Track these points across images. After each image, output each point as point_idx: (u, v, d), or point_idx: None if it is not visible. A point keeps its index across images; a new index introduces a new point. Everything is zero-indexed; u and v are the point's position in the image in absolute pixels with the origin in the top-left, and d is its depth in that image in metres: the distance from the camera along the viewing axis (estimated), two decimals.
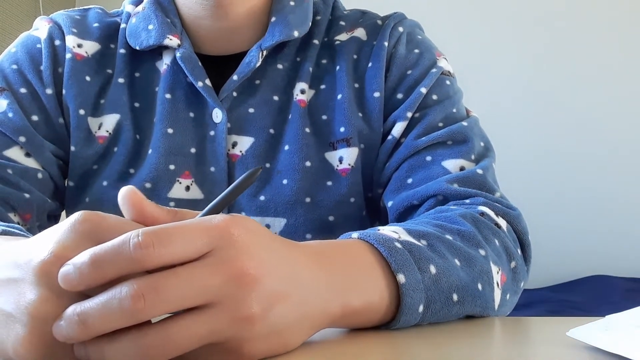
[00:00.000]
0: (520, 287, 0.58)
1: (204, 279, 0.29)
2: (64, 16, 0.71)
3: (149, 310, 0.28)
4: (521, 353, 0.38)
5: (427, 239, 0.47)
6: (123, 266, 0.29)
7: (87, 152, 0.65)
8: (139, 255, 0.28)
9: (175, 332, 0.29)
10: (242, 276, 0.30)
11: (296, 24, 0.68)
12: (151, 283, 0.28)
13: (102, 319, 0.28)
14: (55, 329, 0.29)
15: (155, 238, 0.29)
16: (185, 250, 0.30)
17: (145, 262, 0.29)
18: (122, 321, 0.28)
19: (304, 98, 0.67)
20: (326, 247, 0.41)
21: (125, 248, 0.29)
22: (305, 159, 0.64)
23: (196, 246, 0.30)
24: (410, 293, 0.42)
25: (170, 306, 0.29)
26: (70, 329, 0.29)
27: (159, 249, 0.29)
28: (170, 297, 0.28)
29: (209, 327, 0.30)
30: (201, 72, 0.66)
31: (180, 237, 0.29)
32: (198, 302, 0.29)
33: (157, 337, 0.29)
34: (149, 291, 0.28)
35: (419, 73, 0.68)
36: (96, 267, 0.29)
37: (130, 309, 0.28)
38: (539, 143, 2.33)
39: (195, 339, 0.29)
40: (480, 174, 0.62)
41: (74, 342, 0.29)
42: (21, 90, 0.65)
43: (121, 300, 0.28)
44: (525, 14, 2.36)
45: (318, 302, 0.36)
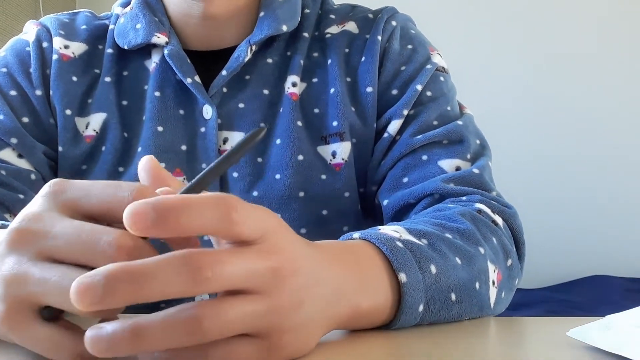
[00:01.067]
0: (515, 284, 0.58)
1: (255, 263, 0.30)
2: (52, 19, 0.71)
3: (214, 282, 0.27)
4: (521, 353, 0.38)
5: (428, 238, 0.47)
6: (213, 222, 0.28)
7: (74, 152, 0.65)
8: (235, 216, 0.28)
9: (224, 307, 0.28)
10: (280, 268, 0.31)
11: (285, 18, 0.68)
12: (216, 256, 0.28)
13: (162, 282, 0.27)
14: (87, 285, 0.26)
15: (241, 206, 0.29)
16: (254, 228, 0.30)
17: (236, 225, 0.29)
18: (185, 288, 0.27)
19: (295, 91, 0.66)
20: (336, 248, 0.41)
21: (220, 207, 0.28)
22: (297, 153, 0.64)
23: (260, 228, 0.30)
24: (411, 292, 0.42)
25: (227, 283, 0.28)
26: (118, 286, 0.26)
27: (243, 217, 0.29)
28: (230, 273, 0.28)
29: (252, 310, 0.30)
30: (190, 69, 0.66)
31: (254, 215, 0.30)
32: (244, 286, 0.29)
33: (208, 309, 0.28)
34: (215, 263, 0.28)
35: (414, 69, 0.67)
36: (186, 213, 0.27)
37: (198, 276, 0.27)
38: (538, 143, 2.33)
39: (241, 319, 0.29)
40: (477, 173, 0.62)
41: (108, 306, 0.26)
42: (11, 92, 0.65)
43: (190, 267, 0.27)
44: (526, 15, 2.36)
45: (332, 302, 0.36)
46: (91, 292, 0.26)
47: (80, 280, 0.26)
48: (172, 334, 0.27)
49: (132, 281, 0.26)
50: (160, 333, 0.27)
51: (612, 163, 2.30)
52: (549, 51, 2.34)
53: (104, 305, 0.26)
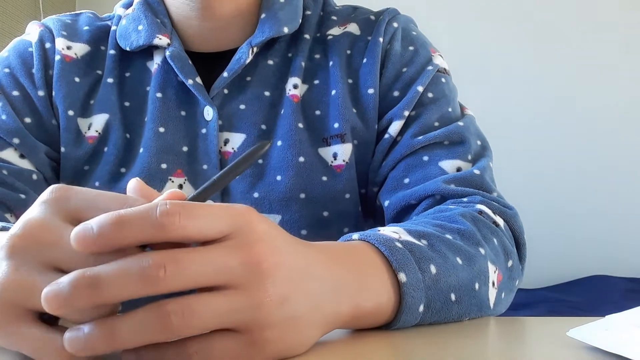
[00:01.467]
0: (516, 285, 0.58)
1: (223, 260, 0.30)
2: (54, 20, 0.71)
3: (169, 281, 0.28)
4: (521, 353, 0.38)
5: (428, 239, 0.47)
6: (146, 231, 0.28)
7: (77, 153, 0.65)
8: (165, 222, 0.28)
9: (195, 303, 0.29)
10: (259, 262, 0.31)
11: (286, 20, 0.68)
12: (173, 255, 0.28)
13: (117, 284, 0.28)
14: (54, 292, 0.28)
15: (183, 209, 0.29)
16: (208, 228, 0.30)
17: (170, 231, 0.29)
18: (139, 288, 0.28)
19: (296, 93, 0.66)
20: (335, 248, 0.41)
21: (152, 213, 0.28)
22: (298, 155, 0.64)
23: (219, 226, 0.30)
24: (411, 292, 0.42)
25: (188, 281, 0.29)
26: (76, 291, 0.28)
27: (185, 220, 0.29)
28: (190, 271, 0.28)
29: (228, 305, 0.29)
30: (191, 70, 0.66)
31: (205, 214, 0.30)
32: (215, 282, 0.30)
33: (177, 305, 0.28)
34: (170, 262, 0.28)
35: (415, 70, 0.68)
36: (119, 227, 0.28)
37: (150, 276, 0.27)
38: (539, 142, 2.33)
39: (215, 314, 0.29)
40: (478, 174, 0.62)
41: (73, 308, 0.28)
42: (14, 93, 0.66)
43: (142, 267, 0.28)
44: (526, 13, 2.36)
45: (330, 301, 0.36)
46: (57, 297, 0.28)
47: (48, 288, 0.28)
48: (143, 331, 0.28)
49: (91, 286, 0.28)
50: (132, 331, 0.28)
51: (613, 163, 2.30)
52: (550, 51, 2.34)
53: (68, 308, 0.28)
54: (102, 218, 0.29)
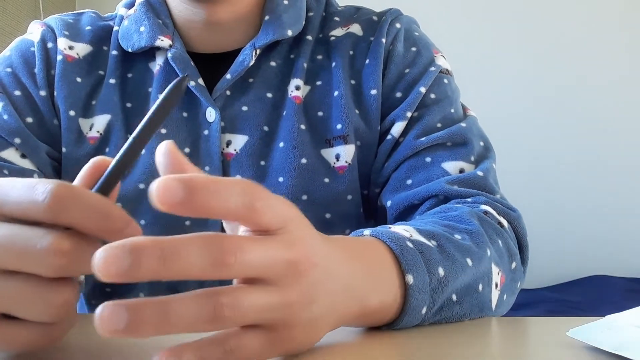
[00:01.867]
0: (518, 287, 0.58)
1: (274, 254, 0.30)
2: (57, 20, 0.71)
3: (236, 268, 0.27)
4: (521, 353, 0.38)
5: (437, 240, 0.47)
6: (238, 206, 0.28)
7: (78, 153, 0.65)
8: (258, 205, 0.29)
9: (244, 296, 0.28)
10: (298, 262, 0.31)
11: (290, 23, 0.67)
12: (242, 243, 0.28)
13: (187, 262, 0.26)
14: (113, 257, 0.25)
15: (265, 195, 0.29)
16: (277, 217, 0.30)
17: (260, 213, 0.29)
18: (207, 271, 0.27)
19: (299, 94, 0.66)
20: (348, 244, 0.41)
21: (246, 193, 0.28)
22: (300, 156, 0.64)
23: (282, 217, 0.31)
24: (417, 295, 0.42)
25: (248, 270, 0.28)
26: (145, 260, 0.25)
27: (266, 206, 0.29)
28: (251, 260, 0.28)
29: (266, 302, 0.29)
30: (193, 72, 0.66)
31: (278, 203, 0.30)
32: (264, 275, 0.30)
33: (230, 297, 0.28)
34: (239, 249, 0.28)
35: (418, 71, 0.67)
36: (215, 195, 0.27)
37: (222, 261, 0.27)
38: (539, 143, 2.33)
39: (257, 309, 0.29)
40: (481, 175, 0.62)
41: (132, 278, 0.26)
42: (15, 92, 0.65)
43: (216, 250, 0.27)
44: (528, 12, 2.36)
45: (343, 300, 0.36)
46: (118, 263, 0.25)
47: (107, 251, 0.25)
48: (195, 319, 0.27)
49: (159, 257, 0.26)
50: (183, 317, 0.27)
51: (613, 163, 2.30)
52: (552, 51, 2.34)
53: (128, 277, 0.25)
54: (195, 178, 0.27)
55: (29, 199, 0.29)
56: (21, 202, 0.29)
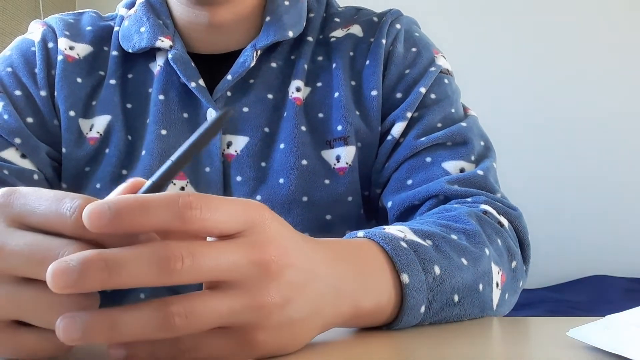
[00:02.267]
0: (519, 286, 0.58)
1: (236, 257, 0.29)
2: (57, 19, 0.71)
3: (184, 273, 0.28)
4: (521, 353, 0.38)
5: (433, 239, 0.47)
6: (166, 220, 0.28)
7: (78, 154, 0.65)
8: (187, 214, 0.28)
9: (198, 304, 0.28)
10: (268, 263, 0.30)
11: (290, 24, 0.68)
12: (191, 247, 0.28)
13: (132, 271, 0.27)
14: (62, 269, 0.27)
15: (204, 202, 0.29)
16: (226, 223, 0.30)
17: (190, 223, 0.28)
18: (154, 278, 0.27)
19: (299, 96, 0.66)
20: (339, 246, 0.41)
21: (174, 204, 0.28)
22: (301, 158, 0.64)
23: (235, 221, 0.30)
24: (413, 294, 0.42)
25: (201, 275, 0.28)
26: (88, 272, 0.26)
27: (205, 214, 0.29)
28: (204, 266, 0.28)
29: (230, 306, 0.29)
30: (194, 73, 0.66)
31: (224, 208, 0.30)
32: (225, 278, 0.29)
33: (181, 306, 0.28)
34: (187, 255, 0.28)
35: (418, 72, 0.67)
36: (140, 212, 0.28)
37: (168, 267, 0.27)
38: (539, 143, 2.33)
39: (217, 315, 0.29)
40: (481, 175, 0.62)
41: (81, 289, 0.27)
42: (16, 92, 0.65)
43: (160, 257, 0.27)
44: (527, 10, 2.36)
45: (331, 301, 0.36)
46: (66, 275, 0.27)
47: (56, 265, 0.27)
48: (144, 327, 0.28)
49: (105, 268, 0.27)
50: (133, 326, 0.28)
51: (613, 163, 2.30)
52: (554, 53, 2.34)
53: (77, 288, 0.27)
54: (122, 199, 0.28)
55: (56, 214, 0.30)
56: (48, 215, 0.30)
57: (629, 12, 2.31)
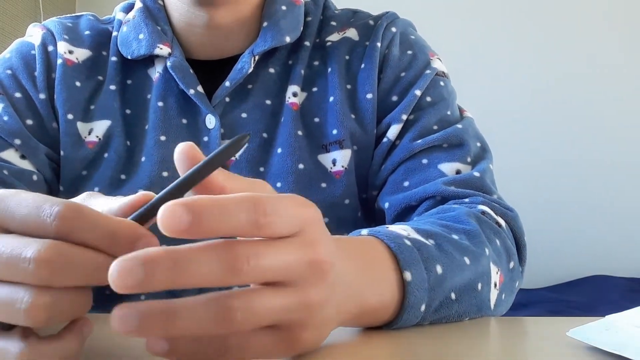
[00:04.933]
0: (516, 287, 0.58)
1: (293, 256, 0.30)
2: (56, 23, 0.71)
3: (249, 274, 0.27)
4: (521, 353, 0.38)
5: (435, 239, 0.47)
6: (244, 227, 0.28)
7: (76, 157, 0.65)
8: (263, 221, 0.28)
9: (257, 300, 0.28)
10: (320, 263, 0.31)
11: (288, 29, 0.68)
12: (256, 248, 0.28)
13: (200, 271, 0.26)
14: (129, 269, 0.26)
15: (274, 208, 0.29)
16: (289, 225, 0.30)
17: (264, 230, 0.28)
18: (221, 277, 0.27)
19: (295, 101, 0.67)
20: (348, 243, 0.41)
21: (251, 211, 0.28)
22: (298, 162, 0.64)
23: (295, 223, 0.30)
24: (415, 292, 0.42)
25: (263, 275, 0.28)
26: (157, 271, 0.26)
27: (276, 219, 0.29)
28: (266, 266, 0.28)
29: (283, 304, 0.29)
30: (193, 80, 0.66)
31: (288, 210, 0.30)
32: (281, 278, 0.29)
33: (242, 301, 0.28)
34: (252, 255, 0.28)
35: (413, 75, 0.68)
36: (220, 216, 0.27)
37: (235, 267, 0.27)
38: (538, 143, 2.33)
39: (271, 312, 0.29)
40: (478, 176, 0.62)
41: (146, 289, 0.26)
42: (16, 94, 0.66)
43: (227, 258, 0.27)
44: (524, 7, 2.36)
45: (344, 299, 0.36)
46: (133, 275, 0.26)
47: (121, 263, 0.26)
48: (203, 321, 0.27)
49: (172, 267, 0.26)
50: (192, 319, 0.27)
51: (612, 163, 2.30)
52: (549, 50, 2.34)
53: (142, 288, 0.26)
54: (199, 201, 0.27)
55: (35, 220, 0.29)
56: (28, 221, 0.30)
57: (629, 10, 2.31)
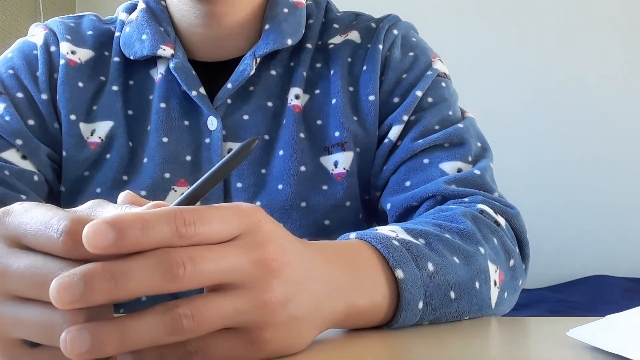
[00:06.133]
0: (519, 285, 0.58)
1: (235, 259, 0.30)
2: (58, 23, 0.71)
3: (187, 279, 0.28)
4: (521, 353, 0.38)
5: (425, 238, 0.47)
6: (166, 238, 0.28)
7: (78, 158, 0.66)
8: (183, 231, 0.28)
9: (204, 305, 0.29)
10: (268, 261, 0.31)
11: (289, 32, 0.68)
12: (192, 253, 0.28)
13: (137, 280, 0.27)
14: (66, 284, 0.26)
15: (197, 217, 0.29)
16: (220, 231, 0.30)
17: (187, 239, 0.29)
18: (158, 286, 0.27)
19: (298, 103, 0.67)
20: (331, 247, 0.41)
21: (170, 221, 0.28)
22: (300, 164, 0.64)
23: (230, 228, 0.31)
24: (409, 289, 0.42)
25: (203, 280, 0.29)
26: (93, 284, 0.26)
27: (199, 227, 0.29)
28: (205, 270, 0.29)
29: (234, 307, 0.30)
30: (195, 81, 0.66)
31: (217, 218, 0.30)
32: (226, 280, 0.30)
33: (187, 308, 0.28)
34: (188, 261, 0.28)
35: (415, 76, 0.68)
36: (142, 231, 0.28)
37: (171, 274, 0.27)
38: (539, 143, 2.33)
39: (222, 316, 0.29)
40: (478, 174, 0.62)
41: (87, 304, 0.26)
42: (18, 94, 0.66)
43: (162, 264, 0.27)
44: (526, 12, 2.36)
45: (327, 301, 0.36)
46: (71, 290, 0.26)
47: (60, 280, 0.26)
48: (153, 333, 0.28)
49: (109, 279, 0.27)
50: (142, 333, 0.27)
51: (613, 163, 2.30)
52: (550, 49, 2.34)
53: (84, 302, 0.26)
54: (121, 217, 0.28)
55: (44, 236, 0.29)
56: (38, 237, 0.30)
57: (629, 9, 2.31)
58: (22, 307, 0.30)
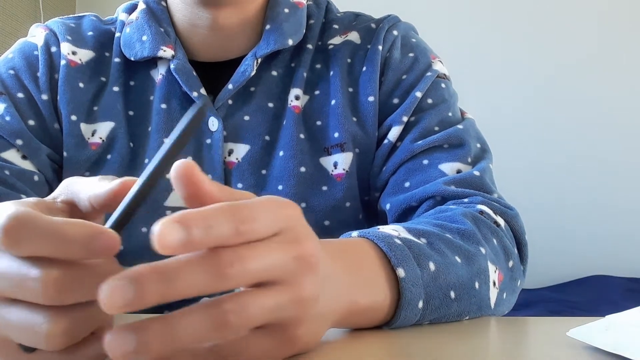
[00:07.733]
0: (517, 286, 0.58)
1: (280, 254, 0.30)
2: (59, 23, 0.71)
3: (236, 277, 0.28)
4: (521, 353, 0.38)
5: (427, 237, 0.47)
6: (226, 236, 0.28)
7: (79, 158, 0.66)
8: (242, 229, 0.28)
9: (249, 301, 0.29)
10: (307, 257, 0.31)
11: (290, 32, 0.68)
12: (239, 252, 0.28)
13: (187, 280, 0.27)
14: (119, 288, 0.26)
15: (252, 213, 0.29)
16: (267, 227, 0.30)
17: (244, 235, 0.29)
18: (209, 285, 0.27)
19: (298, 104, 0.67)
20: (334, 245, 0.41)
21: (231, 220, 0.28)
22: (300, 165, 0.64)
23: (274, 224, 0.30)
24: (410, 288, 0.42)
25: (251, 277, 0.29)
26: (147, 286, 0.26)
27: (254, 224, 0.29)
28: (252, 267, 0.28)
29: (275, 303, 0.30)
30: (196, 82, 0.66)
31: (264, 215, 0.30)
32: (270, 277, 0.30)
33: (234, 304, 0.28)
34: (236, 259, 0.28)
35: (414, 77, 0.68)
36: (206, 226, 0.27)
37: (221, 272, 0.27)
38: (539, 143, 2.33)
39: (265, 312, 0.29)
40: (478, 175, 0.62)
41: (140, 306, 0.26)
42: (18, 95, 0.66)
43: (212, 264, 0.27)
44: (527, 13, 2.36)
45: (335, 298, 0.36)
46: (122, 294, 0.26)
47: (111, 284, 0.26)
48: (201, 330, 0.27)
49: (160, 280, 0.26)
50: (189, 330, 0.27)
51: (613, 163, 2.30)
52: (549, 49, 2.34)
53: (135, 306, 0.26)
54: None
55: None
56: None
57: (628, 8, 2.31)
58: (8, 308, 0.30)
